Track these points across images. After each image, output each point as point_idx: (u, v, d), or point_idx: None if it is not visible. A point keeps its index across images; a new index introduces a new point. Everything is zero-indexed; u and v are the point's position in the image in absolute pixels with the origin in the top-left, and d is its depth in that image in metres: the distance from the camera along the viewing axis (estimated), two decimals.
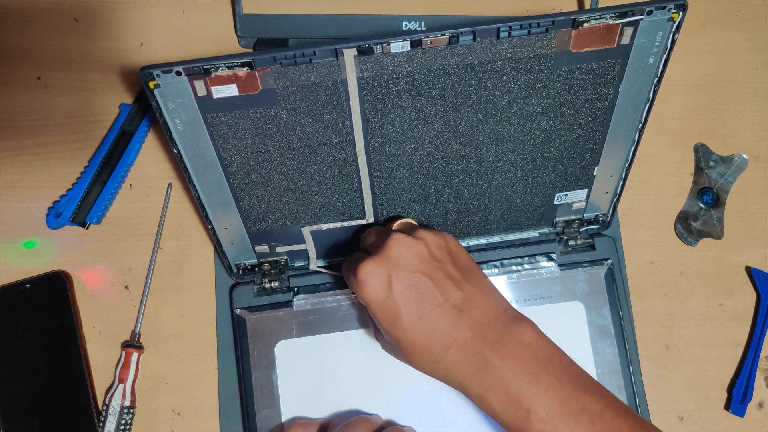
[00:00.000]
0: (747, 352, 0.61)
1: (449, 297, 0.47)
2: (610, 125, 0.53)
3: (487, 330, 0.46)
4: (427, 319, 0.46)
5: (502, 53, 0.46)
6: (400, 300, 0.46)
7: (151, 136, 0.62)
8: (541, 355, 0.46)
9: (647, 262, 0.62)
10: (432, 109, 0.49)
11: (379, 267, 0.47)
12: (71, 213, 0.60)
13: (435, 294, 0.46)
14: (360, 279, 0.47)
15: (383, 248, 0.47)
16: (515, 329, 0.46)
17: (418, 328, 0.46)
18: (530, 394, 0.44)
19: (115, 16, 0.64)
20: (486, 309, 0.47)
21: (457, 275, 0.48)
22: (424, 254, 0.47)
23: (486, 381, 0.45)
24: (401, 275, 0.46)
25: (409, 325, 0.46)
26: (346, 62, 0.45)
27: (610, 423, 0.43)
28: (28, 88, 0.63)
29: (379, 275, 0.46)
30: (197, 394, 0.59)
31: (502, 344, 0.46)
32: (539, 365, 0.45)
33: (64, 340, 0.58)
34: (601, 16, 0.45)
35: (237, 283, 0.60)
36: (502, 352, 0.45)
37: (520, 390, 0.44)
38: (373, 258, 0.47)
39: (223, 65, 0.44)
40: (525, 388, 0.44)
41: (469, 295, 0.47)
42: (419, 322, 0.46)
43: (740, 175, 0.63)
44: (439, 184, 0.55)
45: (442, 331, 0.46)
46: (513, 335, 0.46)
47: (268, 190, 0.53)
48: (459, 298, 0.47)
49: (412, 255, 0.47)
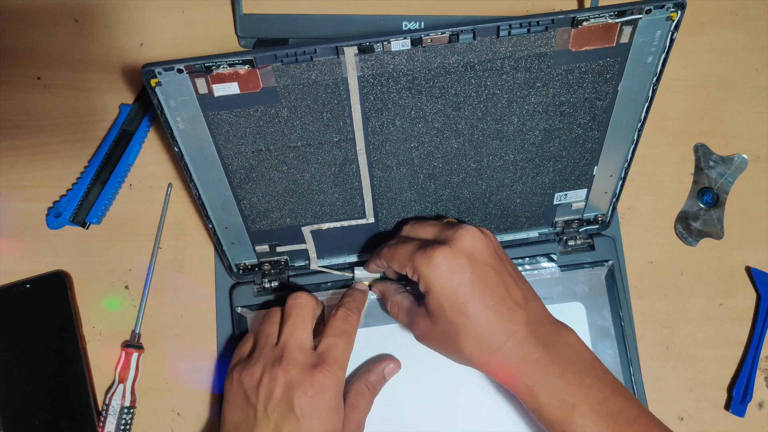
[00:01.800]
0: (747, 352, 0.61)
1: (512, 293, 0.49)
2: (609, 124, 0.53)
3: (540, 327, 0.49)
4: (491, 311, 0.48)
5: (502, 52, 0.46)
6: (471, 289, 0.48)
7: (151, 136, 0.63)
8: (584, 357, 0.49)
9: (647, 262, 0.62)
10: (432, 108, 0.49)
11: (456, 254, 0.48)
12: (71, 213, 0.60)
13: (500, 288, 0.49)
14: (435, 262, 0.48)
15: (458, 237, 0.49)
16: (561, 331, 0.50)
17: (482, 317, 0.48)
18: (576, 390, 0.47)
19: (115, 16, 0.64)
20: (537, 309, 0.50)
21: (516, 274, 0.51)
22: (492, 249, 0.50)
23: (536, 374, 0.47)
24: (475, 266, 0.49)
25: (474, 313, 0.48)
26: (346, 60, 0.45)
27: (645, 427, 0.46)
28: (28, 88, 0.63)
29: (456, 262, 0.48)
30: (197, 394, 0.59)
31: (552, 342, 0.48)
32: (583, 366, 0.48)
33: (64, 340, 0.58)
34: (600, 15, 0.45)
35: (237, 283, 0.59)
36: (552, 348, 0.48)
37: (567, 386, 0.47)
38: (450, 245, 0.49)
39: (225, 63, 0.44)
40: (572, 384, 0.47)
41: (525, 294, 0.50)
42: (484, 312, 0.48)
43: (740, 175, 0.63)
44: (439, 184, 0.55)
45: (504, 324, 0.48)
46: (560, 335, 0.49)
47: (269, 189, 0.53)
48: (519, 296, 0.49)
49: (484, 248, 0.50)
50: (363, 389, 0.54)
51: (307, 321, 0.52)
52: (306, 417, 0.48)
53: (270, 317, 0.54)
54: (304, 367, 0.49)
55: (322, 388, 0.49)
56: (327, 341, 0.51)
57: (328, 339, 0.52)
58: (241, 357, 0.53)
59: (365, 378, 0.55)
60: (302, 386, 0.49)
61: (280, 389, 0.49)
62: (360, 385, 0.54)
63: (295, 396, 0.48)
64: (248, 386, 0.50)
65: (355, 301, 0.55)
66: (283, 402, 0.48)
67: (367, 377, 0.55)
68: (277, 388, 0.49)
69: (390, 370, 0.56)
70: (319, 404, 0.49)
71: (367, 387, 0.55)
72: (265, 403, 0.49)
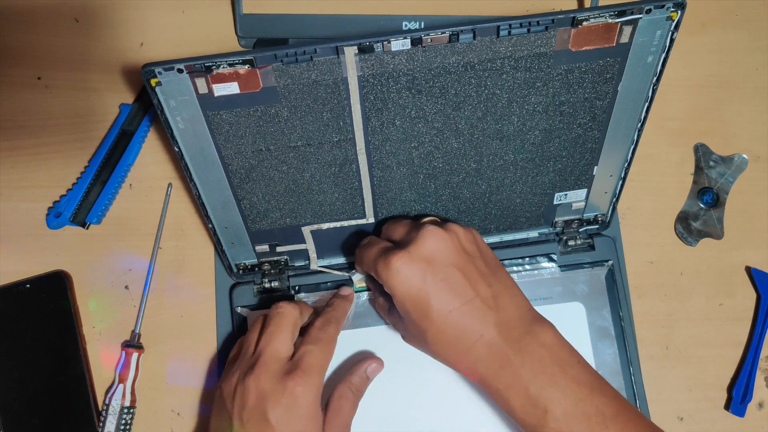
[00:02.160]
0: (747, 352, 0.61)
1: (479, 292, 0.48)
2: (609, 124, 0.53)
3: (512, 329, 0.47)
4: (457, 313, 0.47)
5: (502, 52, 0.46)
6: (433, 292, 0.47)
7: (151, 136, 0.63)
8: (560, 356, 0.47)
9: (647, 262, 0.62)
10: (432, 108, 0.49)
11: (414, 258, 0.47)
12: (71, 213, 0.60)
13: (466, 288, 0.47)
14: (393, 269, 0.47)
15: (417, 240, 0.48)
16: (537, 329, 0.48)
17: (448, 321, 0.47)
18: (548, 393, 0.45)
19: (115, 16, 0.64)
20: (511, 307, 0.48)
21: (486, 271, 0.49)
22: (457, 248, 0.49)
23: (507, 378, 0.46)
24: (436, 268, 0.47)
25: (439, 317, 0.47)
26: (346, 60, 0.45)
27: (623, 426, 0.45)
28: (28, 88, 0.63)
29: (414, 267, 0.47)
30: (197, 394, 0.59)
31: (524, 344, 0.47)
32: (558, 366, 0.46)
33: (64, 340, 0.58)
34: (600, 15, 0.45)
35: (237, 283, 0.59)
36: (524, 351, 0.47)
37: (539, 390, 0.45)
38: (408, 249, 0.48)
39: (225, 63, 0.44)
40: (544, 387, 0.45)
41: (497, 291, 0.48)
42: (450, 315, 0.47)
43: (740, 175, 0.63)
44: (439, 184, 0.55)
45: (470, 326, 0.47)
46: (535, 335, 0.47)
47: (269, 189, 0.53)
48: (488, 295, 0.48)
49: (446, 248, 0.48)
50: (346, 392, 0.53)
51: (286, 330, 0.51)
52: (281, 425, 0.47)
53: (254, 326, 0.53)
54: (276, 376, 0.48)
55: (295, 396, 0.48)
56: (302, 349, 0.50)
57: (302, 347, 0.51)
58: (228, 364, 0.53)
59: (348, 380, 0.54)
60: (275, 395, 0.48)
61: (253, 398, 0.48)
62: (343, 389, 0.53)
63: (268, 405, 0.47)
64: (226, 394, 0.49)
65: (335, 310, 0.55)
66: (256, 411, 0.47)
67: (350, 379, 0.54)
68: (249, 396, 0.48)
69: (373, 369, 0.56)
70: (294, 412, 0.48)
71: (350, 390, 0.53)
72: (240, 412, 0.48)
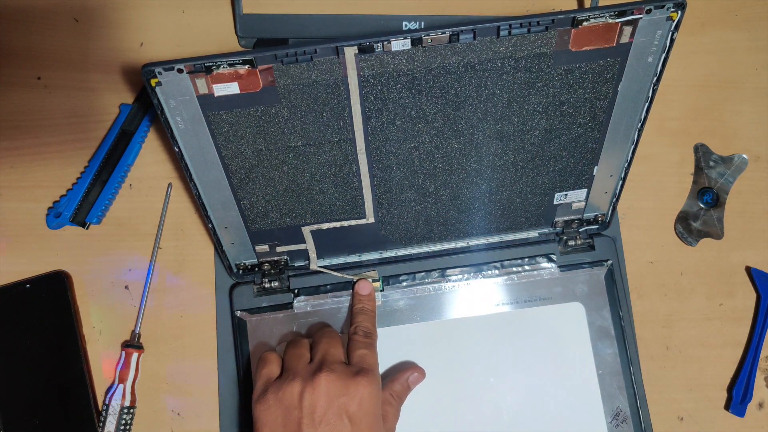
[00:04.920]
0: (747, 352, 0.61)
1: None
2: (609, 124, 0.53)
3: None
4: None
5: (502, 52, 0.46)
6: None
7: (151, 136, 0.63)
8: None
9: (647, 262, 0.62)
10: (432, 108, 0.49)
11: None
12: (71, 213, 0.60)
13: None
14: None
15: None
16: None
17: None
18: None
19: (115, 16, 0.64)
20: None
21: None
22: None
23: None
24: None
25: None
26: (347, 60, 0.45)
27: None
28: (28, 88, 0.63)
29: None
30: (197, 394, 0.59)
31: None
32: None
33: (64, 340, 0.58)
34: (600, 15, 0.45)
35: (237, 283, 0.59)
36: None
37: None
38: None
39: (225, 63, 0.44)
40: None
41: None
42: None
43: (740, 175, 0.63)
44: (439, 184, 0.55)
45: None
46: None
47: (269, 189, 0.53)
48: None
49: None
50: (390, 399, 0.54)
51: (339, 342, 0.53)
52: (355, 423, 0.48)
53: (296, 344, 0.54)
54: (345, 375, 0.49)
55: (369, 393, 0.49)
56: (358, 353, 0.52)
57: (357, 352, 0.52)
58: (268, 379, 0.52)
59: (390, 388, 0.54)
60: (348, 393, 0.48)
61: (324, 398, 0.48)
62: (386, 396, 0.54)
63: (342, 403, 0.48)
64: (289, 403, 0.49)
65: (367, 316, 0.56)
66: (330, 410, 0.48)
67: (392, 387, 0.55)
68: (321, 396, 0.48)
69: (414, 378, 0.56)
70: (367, 410, 0.48)
71: (393, 396, 0.54)
72: (311, 414, 0.48)
